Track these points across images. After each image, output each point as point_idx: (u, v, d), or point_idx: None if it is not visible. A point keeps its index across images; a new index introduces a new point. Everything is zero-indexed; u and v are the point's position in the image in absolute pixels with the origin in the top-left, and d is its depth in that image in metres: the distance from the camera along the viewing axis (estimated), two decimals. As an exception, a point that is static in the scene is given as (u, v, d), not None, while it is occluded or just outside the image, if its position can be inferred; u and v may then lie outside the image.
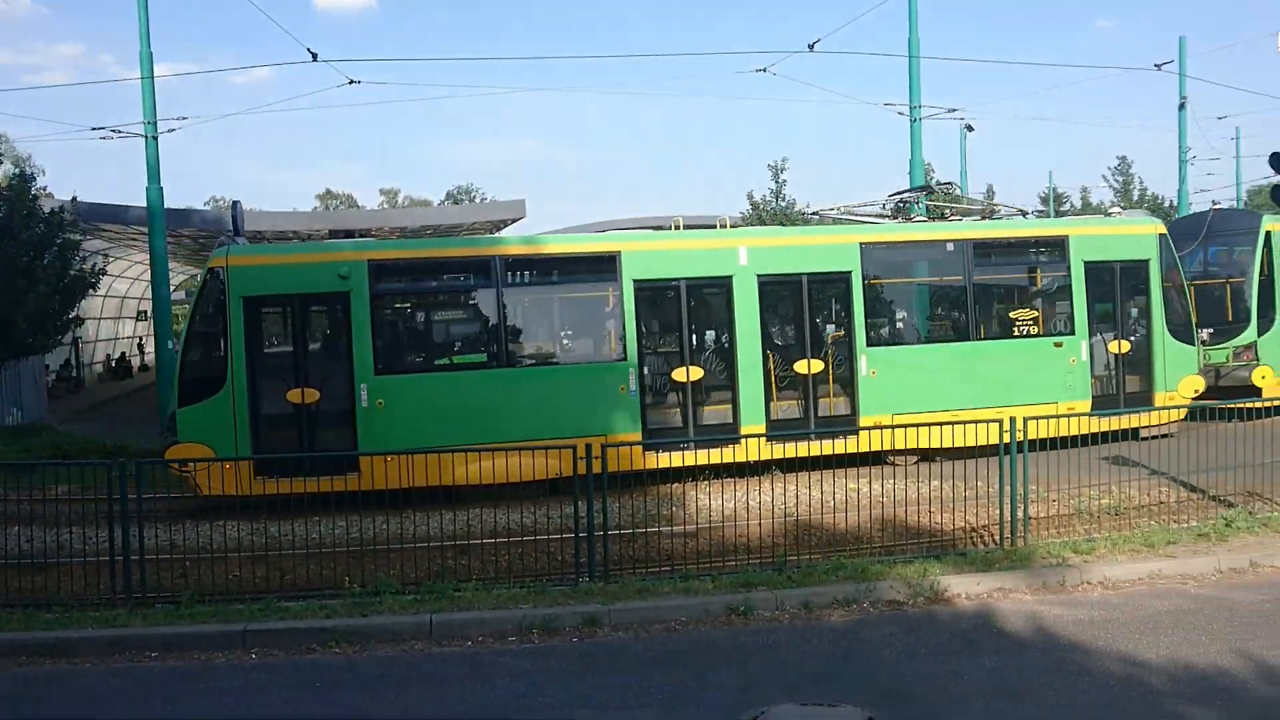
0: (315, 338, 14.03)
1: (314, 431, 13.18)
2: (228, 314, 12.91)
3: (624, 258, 13.98)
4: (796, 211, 30.29)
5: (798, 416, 14.41)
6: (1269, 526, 9.57)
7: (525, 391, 13.60)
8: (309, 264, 13.67)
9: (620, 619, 7.79)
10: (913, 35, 21.50)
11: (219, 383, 12.88)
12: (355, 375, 13.11)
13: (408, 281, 14.19)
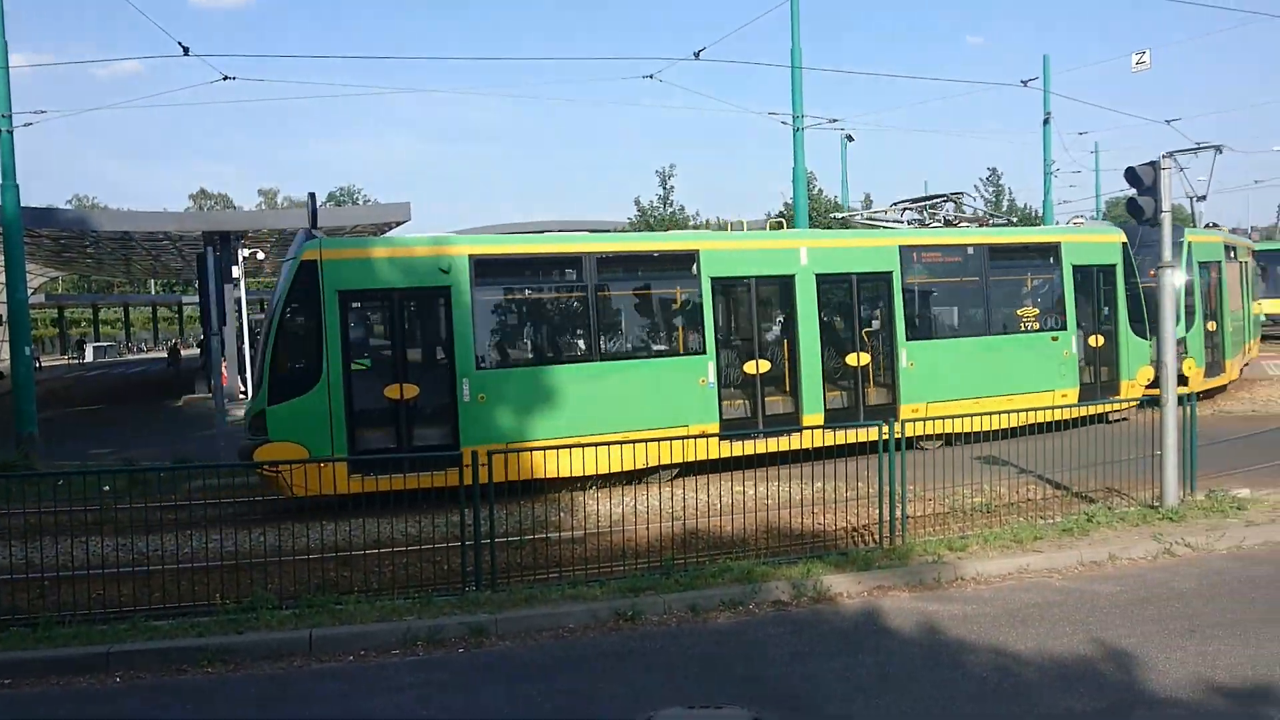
0: (413, 332, 13.86)
1: (413, 427, 13.10)
2: (321, 308, 12.69)
3: (703, 256, 14.70)
4: (684, 218, 30.57)
5: (849, 406, 15.47)
6: (1126, 521, 10.10)
7: (616, 384, 13.96)
8: (408, 258, 13.52)
9: (508, 628, 7.70)
10: (795, 47, 22.02)
11: (313, 379, 12.65)
12: (457, 370, 13.15)
13: (507, 276, 14.31)
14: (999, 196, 35.03)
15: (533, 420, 13.32)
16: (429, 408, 13.30)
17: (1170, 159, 10.55)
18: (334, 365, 12.66)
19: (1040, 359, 17.02)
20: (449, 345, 13.24)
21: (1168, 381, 10.76)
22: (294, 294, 12.86)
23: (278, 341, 12.83)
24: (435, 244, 13.71)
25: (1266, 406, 20.06)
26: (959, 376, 16.09)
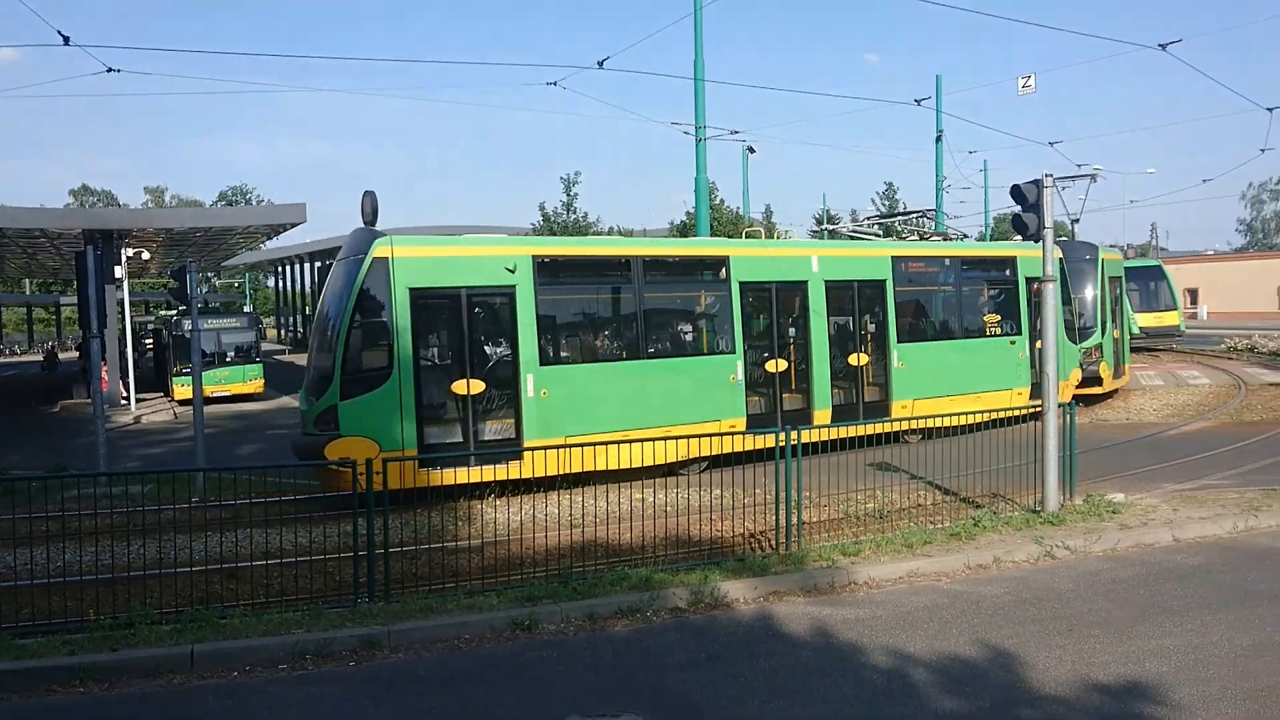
0: (480, 329, 13.98)
1: (479, 422, 13.39)
2: (392, 305, 12.88)
3: (732, 261, 15.73)
4: (588, 224, 30.56)
5: (852, 403, 16.81)
6: (1010, 525, 10.47)
7: (658, 381, 14.71)
8: (477, 257, 13.95)
9: (401, 640, 7.53)
10: (698, 59, 22.23)
11: (384, 375, 12.81)
12: (521, 366, 13.56)
13: (566, 276, 14.90)
14: (893, 210, 36.04)
15: (587, 415, 13.87)
16: (494, 403, 13.63)
17: (1051, 178, 11.00)
18: (404, 361, 12.84)
19: (1002, 361, 18.94)
20: (513, 342, 13.68)
21: (1049, 392, 11.18)
22: (365, 290, 12.94)
23: (349, 337, 12.88)
24: (501, 244, 14.30)
25: (1140, 415, 21.08)
26: (939, 376, 17.64)
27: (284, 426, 25.42)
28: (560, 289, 14.61)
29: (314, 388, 13.48)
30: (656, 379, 14.70)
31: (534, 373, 13.60)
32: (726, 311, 15.55)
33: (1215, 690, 6.24)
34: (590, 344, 14.94)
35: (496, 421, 13.60)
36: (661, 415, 14.24)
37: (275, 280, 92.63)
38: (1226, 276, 73.48)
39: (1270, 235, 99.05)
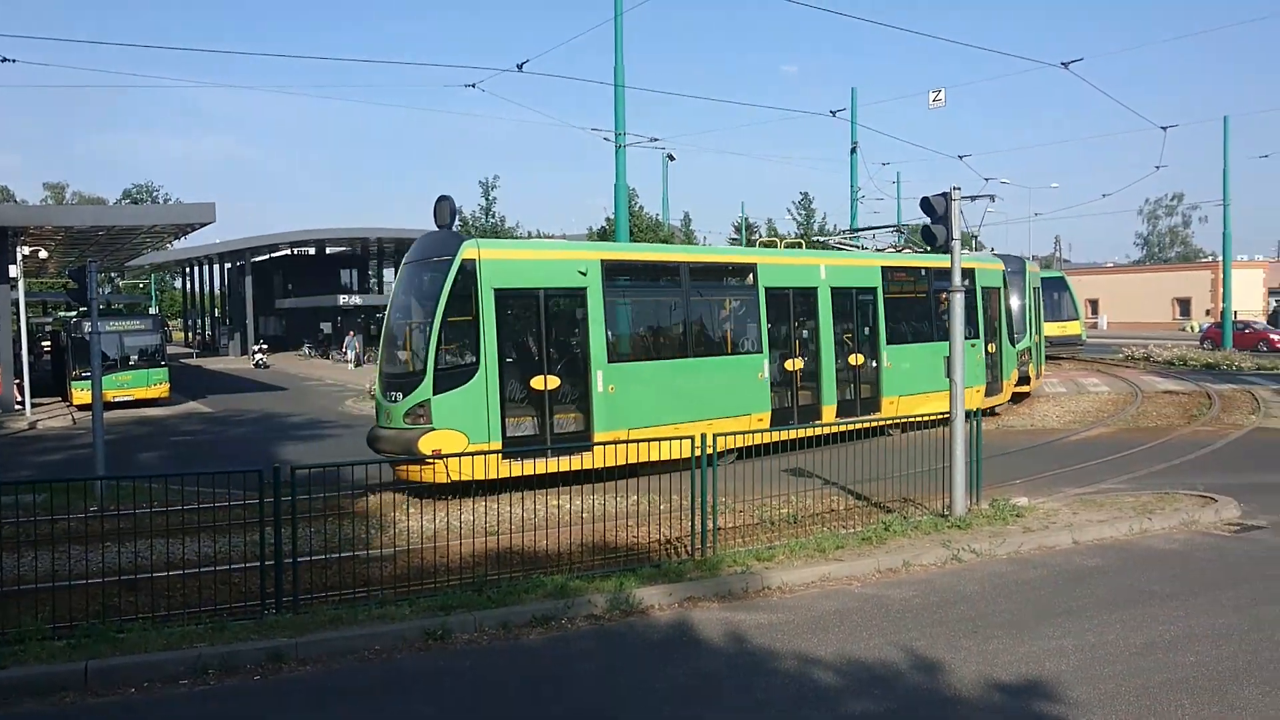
0: (556, 328, 14.82)
1: (554, 415, 14.21)
2: (479, 304, 13.63)
3: (760, 268, 17.30)
4: (506, 229, 30.34)
5: (850, 399, 18.45)
6: (919, 529, 10.70)
7: (703, 377, 16.03)
8: (554, 260, 15.02)
9: (309, 652, 7.35)
10: (618, 65, 22.28)
11: (471, 371, 13.59)
12: (592, 362, 14.52)
13: (628, 280, 16.02)
14: (809, 219, 36.65)
15: (645, 409, 14.90)
16: (568, 397, 14.53)
17: (958, 192, 11.31)
18: (489, 358, 13.66)
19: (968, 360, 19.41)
20: (585, 340, 14.63)
21: (956, 399, 11.49)
22: (455, 290, 13.64)
23: (441, 335, 13.59)
24: (574, 248, 15.53)
25: (1044, 421, 21.80)
26: (918, 376, 19.30)
27: (190, 432, 24.70)
28: (623, 292, 15.69)
29: (401, 383, 14.11)
30: (700, 376, 16.05)
31: (603, 369, 14.61)
32: (755, 314, 17.07)
33: (1110, 688, 6.47)
34: (647, 343, 16.12)
35: (569, 415, 14.53)
36: (703, 409, 15.37)
37: (183, 281, 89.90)
38: (1125, 288, 76.60)
39: (1165, 249, 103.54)
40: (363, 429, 24.06)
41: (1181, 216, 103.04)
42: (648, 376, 15.33)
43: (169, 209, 44.85)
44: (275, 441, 21.72)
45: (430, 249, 14.54)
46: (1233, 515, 11.49)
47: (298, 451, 19.70)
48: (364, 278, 75.72)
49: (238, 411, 29.24)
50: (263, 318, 66.58)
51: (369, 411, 27.92)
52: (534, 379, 14.06)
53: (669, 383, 15.53)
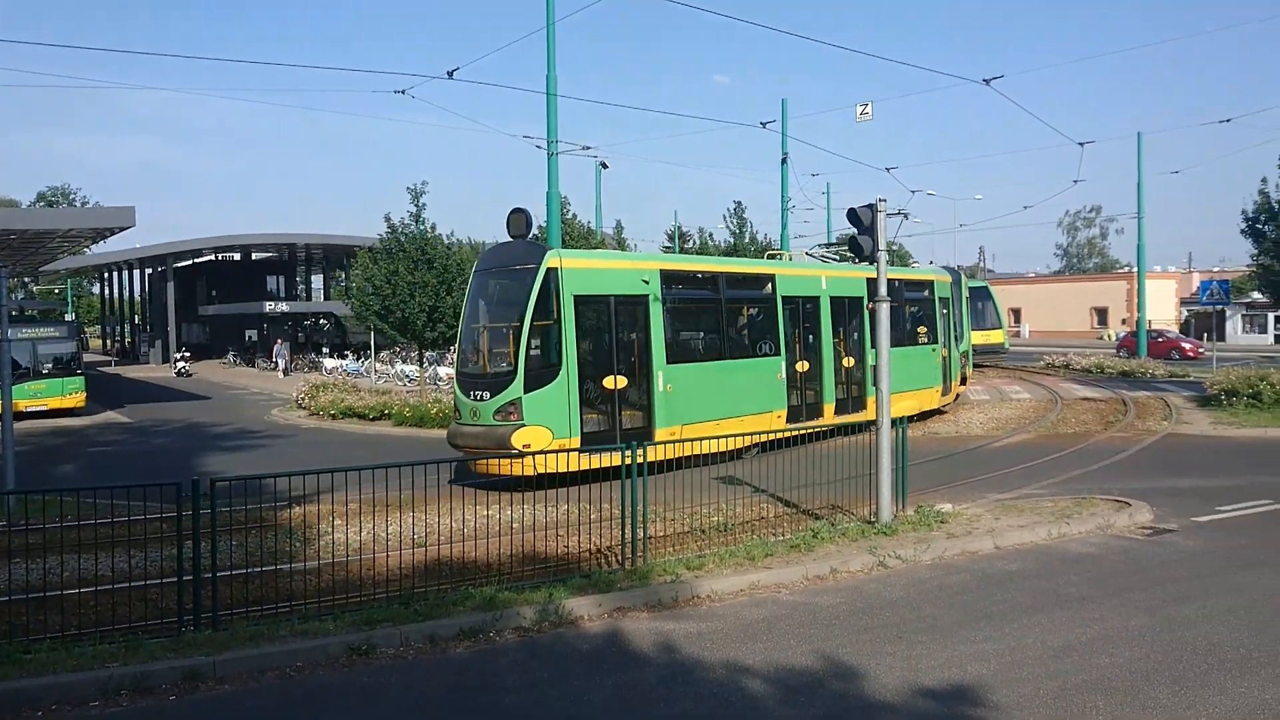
0: (624, 332, 16.00)
1: (622, 412, 15.53)
2: (561, 309, 14.81)
3: (777, 278, 18.96)
4: (437, 236, 30.01)
5: (846, 399, 20.31)
6: (847, 536, 10.84)
7: (736, 377, 17.56)
8: (622, 269, 16.42)
9: (228, 670, 7.16)
10: (551, 73, 22.22)
11: (555, 371, 14.74)
12: (654, 364, 15.88)
13: (680, 288, 17.40)
14: (741, 228, 36.96)
15: (694, 406, 16.32)
16: (634, 395, 15.83)
17: (884, 203, 11.50)
18: (570, 359, 14.85)
19: (930, 363, 23.37)
20: (647, 343, 15.95)
21: (882, 407, 11.67)
22: (541, 296, 14.74)
23: (530, 338, 14.68)
24: (638, 259, 16.97)
25: (968, 428, 22.27)
26: (899, 376, 20.05)
27: (108, 443, 23.93)
28: (677, 299, 17.14)
29: (489, 383, 15.13)
30: (734, 376, 17.61)
31: (663, 370, 16.01)
32: (774, 320, 18.74)
33: (1029, 690, 6.62)
34: (695, 345, 17.70)
35: (635, 412, 15.83)
36: (735, 407, 17.06)
37: (101, 287, 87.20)
38: (1046, 298, 78.79)
39: (1084, 260, 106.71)
40: (290, 438, 23.69)
41: (1099, 228, 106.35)
42: (696, 377, 16.80)
43: (86, 213, 43.43)
44: (199, 452, 21.16)
45: (511, 258, 15.70)
46: (1146, 519, 11.86)
47: (223, 462, 19.21)
48: (291, 284, 74.32)
49: (159, 421, 28.43)
50: (185, 325, 64.94)
51: (297, 420, 27.42)
52: (605, 379, 15.40)
53: (712, 382, 17.02)
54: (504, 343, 15.25)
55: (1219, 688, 6.60)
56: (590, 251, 17.11)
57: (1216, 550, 10.51)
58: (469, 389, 15.35)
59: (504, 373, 14.94)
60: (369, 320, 30.63)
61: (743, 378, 17.78)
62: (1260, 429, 20.12)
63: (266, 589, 9.29)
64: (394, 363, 42.31)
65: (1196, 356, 45.40)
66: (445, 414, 24.24)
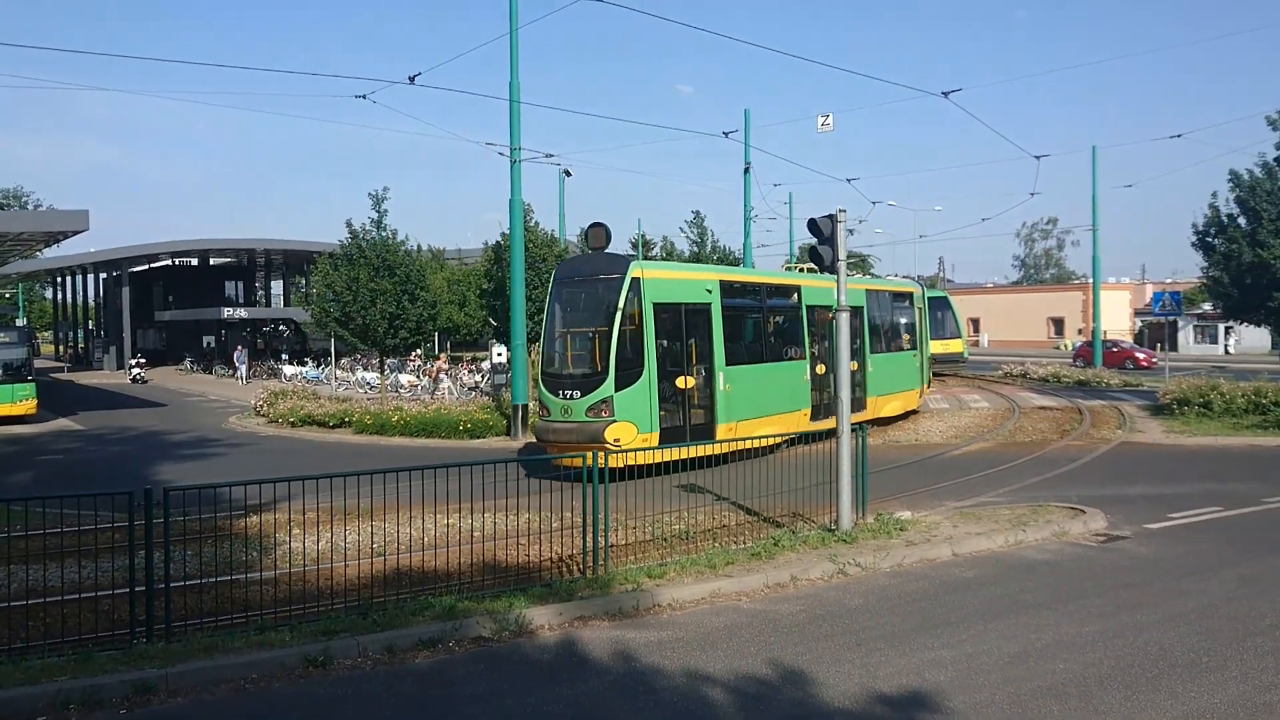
0: (692, 336, 17.53)
1: (691, 409, 17.12)
2: (643, 315, 16.34)
3: (803, 289, 21.03)
4: (399, 243, 29.78)
5: (859, 396, 22.17)
6: (807, 544, 10.89)
7: (774, 378, 19.37)
8: (690, 280, 18.30)
9: (180, 682, 7.03)
10: (514, 80, 22.20)
11: (639, 372, 16.25)
12: (716, 365, 17.48)
13: (734, 297, 18.96)
14: (703, 238, 37.06)
15: (745, 404, 17.94)
16: (701, 394, 17.42)
17: (844, 213, 11.61)
18: (650, 361, 16.37)
19: (911, 367, 25.84)
20: (710, 347, 17.54)
21: (842, 415, 11.74)
22: (627, 303, 16.30)
23: (620, 342, 16.18)
24: (702, 270, 18.57)
25: (927, 436, 22.50)
26: (886, 381, 23.79)
27: (61, 451, 23.47)
28: (732, 307, 18.56)
29: (580, 382, 16.63)
30: (773, 377, 19.35)
31: (724, 371, 17.57)
32: (800, 327, 20.78)
33: (985, 696, 6.69)
34: (745, 349, 18.96)
35: (700, 409, 17.37)
36: (772, 406, 18.86)
37: (54, 292, 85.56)
38: (1004, 308, 79.91)
39: (1041, 271, 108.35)
40: (248, 446, 23.39)
41: (1056, 240, 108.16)
42: (747, 378, 18.31)
43: (39, 216, 42.60)
44: (154, 460, 20.81)
45: (596, 268, 17.33)
46: (1100, 526, 12.05)
47: (179, 470, 18.91)
48: (251, 290, 73.43)
49: (113, 429, 27.93)
50: (141, 330, 63.89)
51: (255, 428, 27.08)
52: (678, 379, 16.99)
53: (759, 383, 18.65)
54: (593, 346, 16.90)
55: (1170, 692, 6.71)
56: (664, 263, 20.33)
57: (1168, 557, 10.70)
58: (557, 388, 16.87)
59: (597, 373, 16.49)
60: (329, 327, 30.33)
61: (779, 379, 19.65)
62: (1210, 437, 20.53)
63: (222, 600, 9.14)
64: (355, 369, 41.94)
65: (1150, 366, 46.26)
66: (406, 422, 24.09)
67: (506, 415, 23.52)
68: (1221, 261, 25.20)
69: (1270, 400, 21.64)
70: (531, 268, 29.13)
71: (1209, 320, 63.21)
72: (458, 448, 21.88)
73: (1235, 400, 22.30)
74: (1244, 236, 24.37)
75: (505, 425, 23.31)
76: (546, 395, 17.05)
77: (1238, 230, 24.73)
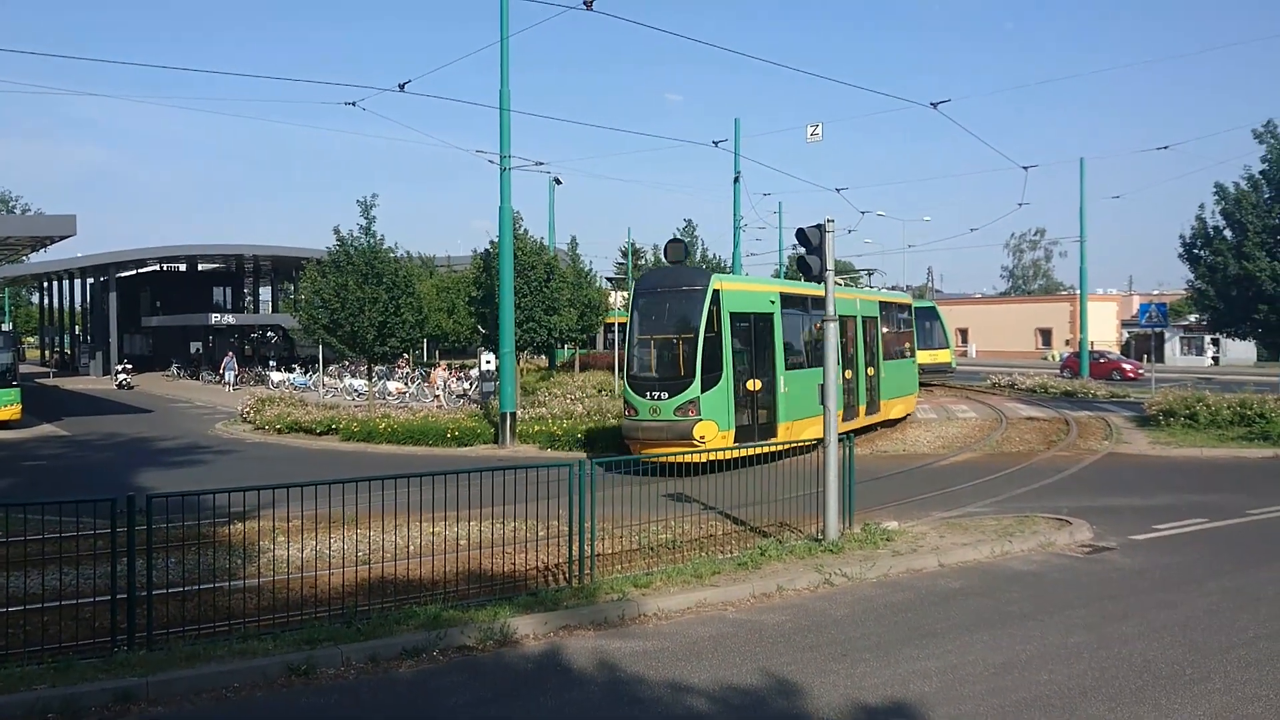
0: (759, 343, 18.98)
1: (757, 409, 18.49)
2: (722, 324, 17.97)
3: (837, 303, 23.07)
4: (387, 250, 29.69)
5: (868, 402, 23.93)
6: (794, 554, 10.88)
7: (812, 383, 18.94)
8: (759, 292, 19.66)
9: (161, 691, 6.97)
10: (504, 88, 22.22)
11: (720, 375, 17.89)
12: (777, 370, 19.01)
13: (789, 308, 20.24)
14: (692, 247, 37.12)
15: (797, 406, 19.38)
16: (766, 396, 18.82)
17: (832, 223, 11.63)
18: (728, 365, 18.00)
19: (911, 373, 28.15)
20: (773, 353, 19.07)
21: (830, 425, 11.75)
22: (710, 312, 17.98)
23: (704, 347, 17.88)
24: (766, 283, 19.77)
25: (915, 446, 22.54)
26: (896, 384, 25.82)
27: (46, 457, 23.31)
28: (788, 317, 19.99)
29: (667, 385, 18.28)
30: (812, 382, 19.39)
31: (783, 375, 19.07)
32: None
33: (970, 708, 6.68)
34: (796, 356, 20.40)
35: (765, 410, 18.75)
36: (814, 408, 19.02)
37: (41, 297, 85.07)
38: (992, 318, 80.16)
39: (1029, 281, 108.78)
40: (234, 453, 23.28)
41: (1044, 251, 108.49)
42: (799, 382, 19.71)
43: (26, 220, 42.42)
44: (139, 467, 20.67)
45: (679, 280, 19.13)
46: (1086, 537, 12.08)
47: (164, 477, 18.79)
48: (239, 296, 73.14)
49: (98, 435, 27.75)
50: (128, 336, 63.57)
51: (241, 435, 26.95)
52: (748, 381, 18.45)
53: (806, 387, 19.67)
54: (678, 351, 18.59)
55: (1154, 704, 6.72)
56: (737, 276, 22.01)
57: (1153, 568, 10.72)
58: (645, 391, 18.48)
59: (683, 377, 18.16)
60: (317, 334, 30.21)
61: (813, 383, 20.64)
62: (1196, 449, 20.61)
63: (204, 608, 9.08)
64: (343, 377, 41.79)
65: (1136, 377, 46.47)
66: (394, 429, 24.02)
67: (494, 423, 23.47)
68: (1208, 274, 25.32)
69: (1255, 412, 21.75)
70: (520, 275, 29.08)
71: (1195, 332, 63.55)
72: (445, 455, 21.80)
73: (1221, 412, 22.41)
74: (1230, 249, 24.50)
75: (493, 433, 23.24)
76: (633, 396, 18.60)
77: (1224, 243, 24.86)
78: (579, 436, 22.18)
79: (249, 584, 10.08)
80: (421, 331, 32.92)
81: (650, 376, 18.80)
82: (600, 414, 25.08)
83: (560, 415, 25.00)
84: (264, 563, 11.02)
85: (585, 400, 28.17)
